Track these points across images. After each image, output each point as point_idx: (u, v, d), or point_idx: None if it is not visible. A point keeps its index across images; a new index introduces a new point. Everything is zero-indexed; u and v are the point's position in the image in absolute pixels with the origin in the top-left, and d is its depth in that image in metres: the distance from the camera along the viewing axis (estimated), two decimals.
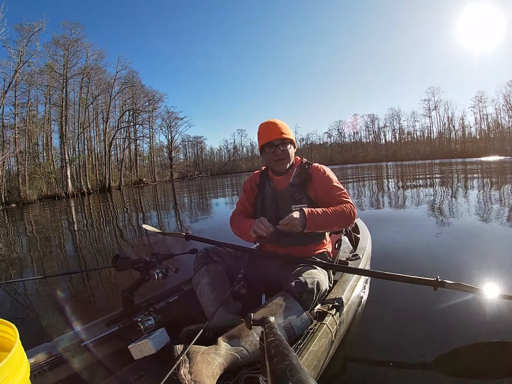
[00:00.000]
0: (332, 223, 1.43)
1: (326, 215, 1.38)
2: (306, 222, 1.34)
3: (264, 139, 1.54)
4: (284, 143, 1.53)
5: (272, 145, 1.53)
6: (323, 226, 1.42)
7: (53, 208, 14.78)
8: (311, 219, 1.34)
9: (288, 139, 1.53)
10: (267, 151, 1.55)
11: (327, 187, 1.52)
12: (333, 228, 1.50)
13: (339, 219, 1.42)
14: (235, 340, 1.10)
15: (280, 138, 1.51)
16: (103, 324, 1.36)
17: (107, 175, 32.46)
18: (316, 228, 1.39)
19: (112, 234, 5.92)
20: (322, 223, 1.38)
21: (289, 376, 0.40)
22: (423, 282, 1.30)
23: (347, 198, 1.51)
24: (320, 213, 1.37)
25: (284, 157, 1.54)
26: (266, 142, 1.53)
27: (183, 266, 1.64)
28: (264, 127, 1.57)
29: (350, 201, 1.50)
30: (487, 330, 1.56)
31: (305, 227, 1.34)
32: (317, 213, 1.37)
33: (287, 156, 1.55)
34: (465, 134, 57.71)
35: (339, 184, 1.55)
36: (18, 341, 0.80)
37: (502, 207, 5.02)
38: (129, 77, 37.22)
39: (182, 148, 59.68)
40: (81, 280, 3.02)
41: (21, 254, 4.60)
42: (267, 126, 1.55)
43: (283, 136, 1.51)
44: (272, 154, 1.54)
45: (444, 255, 2.82)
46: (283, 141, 1.52)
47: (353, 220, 1.48)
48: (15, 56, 23.99)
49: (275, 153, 1.53)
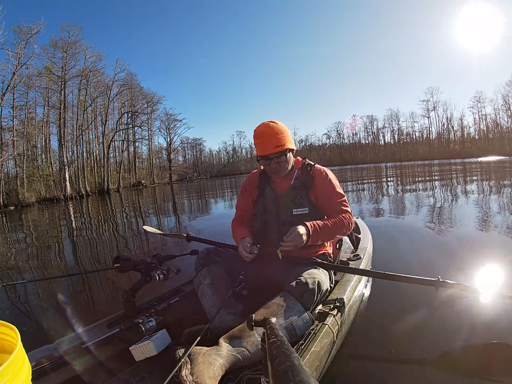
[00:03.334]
0: (332, 235, 1.50)
1: (327, 227, 1.43)
2: (310, 237, 1.37)
3: (258, 151, 1.50)
4: (279, 156, 1.47)
5: (267, 158, 1.49)
6: (324, 238, 1.49)
7: (52, 211, 14.74)
8: (314, 234, 1.38)
9: (283, 150, 1.47)
10: (263, 163, 1.55)
11: (329, 193, 1.53)
12: (331, 239, 1.58)
13: (338, 230, 1.49)
14: (237, 341, 1.10)
15: (274, 152, 1.45)
16: (104, 325, 1.36)
17: (106, 177, 32.36)
18: (317, 241, 1.43)
19: (112, 236, 5.91)
20: (324, 236, 1.45)
21: (291, 377, 0.40)
22: (424, 282, 1.30)
23: (346, 206, 1.53)
24: (321, 226, 1.42)
25: (279, 169, 1.52)
26: (260, 155, 1.50)
27: (184, 267, 1.64)
28: (258, 135, 1.49)
29: (349, 210, 1.53)
30: (488, 330, 1.56)
31: (308, 241, 1.37)
32: (319, 227, 1.41)
33: (283, 167, 1.52)
34: (464, 134, 57.94)
35: (341, 190, 1.56)
36: (20, 343, 0.80)
37: (502, 207, 5.04)
38: (127, 79, 37.23)
39: (181, 150, 59.86)
40: (82, 282, 3.01)
41: (21, 257, 4.58)
42: (262, 136, 1.47)
43: (277, 150, 1.44)
44: (268, 166, 1.53)
45: (445, 255, 2.83)
46: (278, 154, 1.47)
47: (350, 230, 1.55)
48: (13, 58, 23.98)
49: (271, 166, 1.51)
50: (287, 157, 1.51)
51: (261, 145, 1.48)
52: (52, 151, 30.62)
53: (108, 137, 34.90)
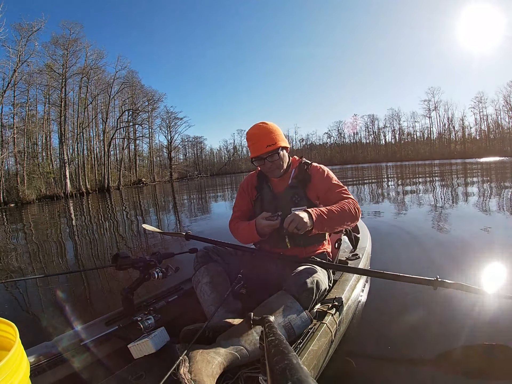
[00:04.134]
0: (339, 220, 1.39)
1: (331, 213, 1.36)
2: (314, 220, 1.30)
3: (251, 153, 1.52)
4: (272, 155, 1.49)
5: (260, 159, 1.51)
6: (331, 225, 1.38)
7: (52, 208, 14.76)
8: (318, 219, 1.32)
9: (275, 149, 1.48)
10: (257, 164, 1.56)
11: (327, 186, 1.51)
12: (342, 225, 1.43)
13: (345, 215, 1.38)
14: (235, 339, 1.10)
15: (266, 152, 1.47)
16: (103, 323, 1.36)
17: (106, 175, 32.40)
18: (324, 226, 1.35)
19: (111, 233, 5.92)
20: (330, 222, 1.36)
21: (289, 375, 0.40)
22: (423, 282, 1.30)
23: (348, 194, 1.49)
24: (325, 212, 1.35)
25: (274, 168, 1.53)
26: (253, 156, 1.52)
27: (183, 266, 1.64)
28: (249, 138, 1.52)
29: (351, 197, 1.48)
30: (487, 330, 1.56)
31: (313, 225, 1.31)
32: (323, 212, 1.35)
33: (278, 165, 1.53)
34: (465, 134, 57.81)
35: (339, 182, 1.54)
36: (18, 340, 0.80)
37: (502, 207, 5.03)
38: (128, 77, 37.25)
39: (182, 148, 59.80)
40: (81, 279, 3.01)
41: (20, 253, 4.59)
42: (253, 138, 1.50)
43: (269, 149, 1.46)
44: (262, 166, 1.54)
45: (444, 254, 2.83)
46: (271, 153, 1.49)
47: (358, 215, 1.44)
48: (14, 56, 23.95)
49: (265, 166, 1.52)
50: (280, 155, 1.51)
51: (253, 147, 1.50)
52: (52, 149, 30.72)
53: (109, 135, 34.90)
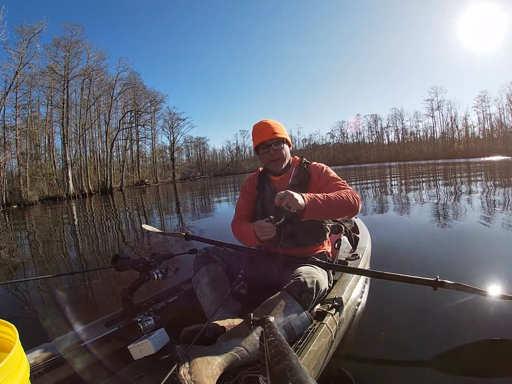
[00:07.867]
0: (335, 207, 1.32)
1: (326, 197, 1.32)
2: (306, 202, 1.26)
3: (257, 140, 1.56)
4: (277, 142, 1.54)
5: (265, 146, 1.54)
6: (326, 208, 1.31)
7: (54, 209, 14.82)
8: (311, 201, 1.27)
9: (281, 138, 1.54)
10: (261, 152, 1.58)
11: (326, 180, 1.52)
12: (339, 213, 1.38)
13: (341, 203, 1.33)
14: (235, 340, 1.10)
15: (272, 138, 1.52)
16: (103, 324, 1.36)
17: (109, 176, 32.50)
18: (317, 207, 1.28)
19: (112, 234, 5.94)
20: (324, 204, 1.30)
21: (289, 376, 0.40)
22: (423, 282, 1.29)
23: (346, 185, 1.46)
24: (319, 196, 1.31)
25: (278, 157, 1.55)
26: (259, 143, 1.55)
27: (183, 266, 1.64)
28: (256, 128, 1.58)
29: (349, 187, 1.44)
30: (487, 330, 1.55)
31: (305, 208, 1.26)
32: (316, 196, 1.31)
33: (281, 155, 1.56)
34: (468, 134, 57.61)
35: (338, 177, 1.54)
36: (18, 341, 0.80)
37: (502, 208, 5.00)
38: (130, 78, 37.24)
39: (185, 149, 59.93)
40: (81, 280, 3.02)
41: (21, 255, 4.61)
42: (260, 127, 1.56)
43: (276, 136, 1.52)
44: (267, 154, 1.55)
45: (444, 255, 2.82)
46: (276, 141, 1.53)
47: (357, 205, 1.38)
48: (16, 58, 23.97)
49: (269, 153, 1.54)
50: (284, 147, 1.57)
51: (260, 134, 1.55)
52: (55, 150, 30.82)
53: (111, 136, 34.98)
